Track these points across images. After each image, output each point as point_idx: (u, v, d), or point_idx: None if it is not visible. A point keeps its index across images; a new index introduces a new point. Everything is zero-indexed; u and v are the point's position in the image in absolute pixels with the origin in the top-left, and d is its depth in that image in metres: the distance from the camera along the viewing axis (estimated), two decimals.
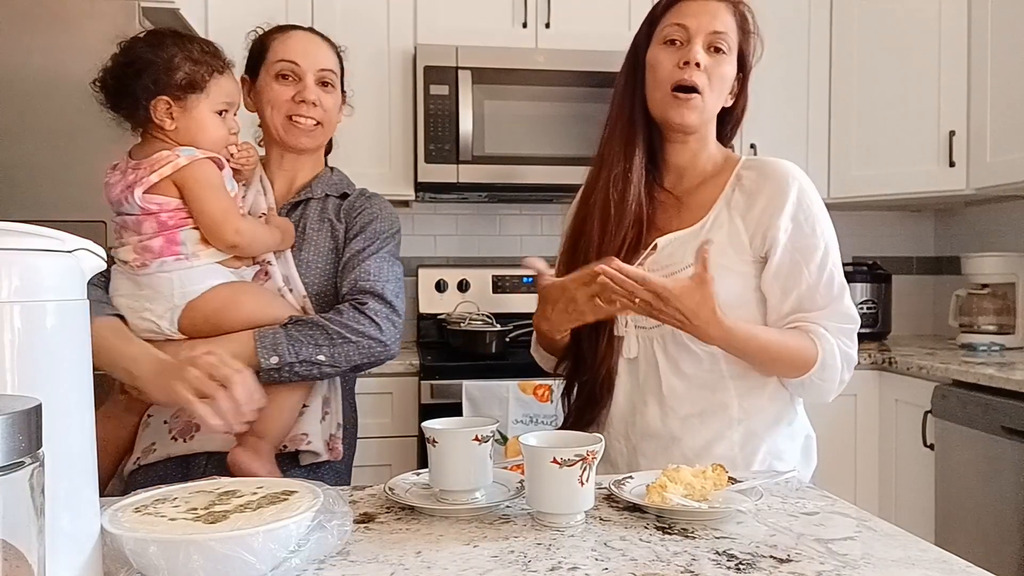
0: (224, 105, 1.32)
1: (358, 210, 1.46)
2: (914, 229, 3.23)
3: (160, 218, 1.26)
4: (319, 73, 1.43)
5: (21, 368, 0.59)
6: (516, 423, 2.20)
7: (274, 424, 1.28)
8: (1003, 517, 1.99)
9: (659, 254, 1.26)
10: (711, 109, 1.27)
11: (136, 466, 1.30)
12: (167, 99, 1.28)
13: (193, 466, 1.29)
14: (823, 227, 1.24)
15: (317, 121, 1.43)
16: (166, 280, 1.26)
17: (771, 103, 2.70)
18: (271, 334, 1.28)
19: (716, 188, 1.28)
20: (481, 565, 0.76)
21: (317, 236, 1.42)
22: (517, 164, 2.54)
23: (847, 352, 1.22)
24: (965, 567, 0.76)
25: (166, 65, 1.27)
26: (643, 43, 1.31)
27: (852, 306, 1.25)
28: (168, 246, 1.26)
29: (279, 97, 1.41)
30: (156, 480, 1.26)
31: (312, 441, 1.34)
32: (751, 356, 1.21)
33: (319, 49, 1.45)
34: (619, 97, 1.33)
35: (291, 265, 1.38)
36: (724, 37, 1.24)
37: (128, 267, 1.28)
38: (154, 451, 1.30)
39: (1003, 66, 2.40)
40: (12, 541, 0.49)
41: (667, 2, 1.30)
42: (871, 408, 2.52)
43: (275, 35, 1.46)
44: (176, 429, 1.30)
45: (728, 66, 1.26)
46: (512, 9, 2.63)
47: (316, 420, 1.36)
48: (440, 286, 2.82)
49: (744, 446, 1.24)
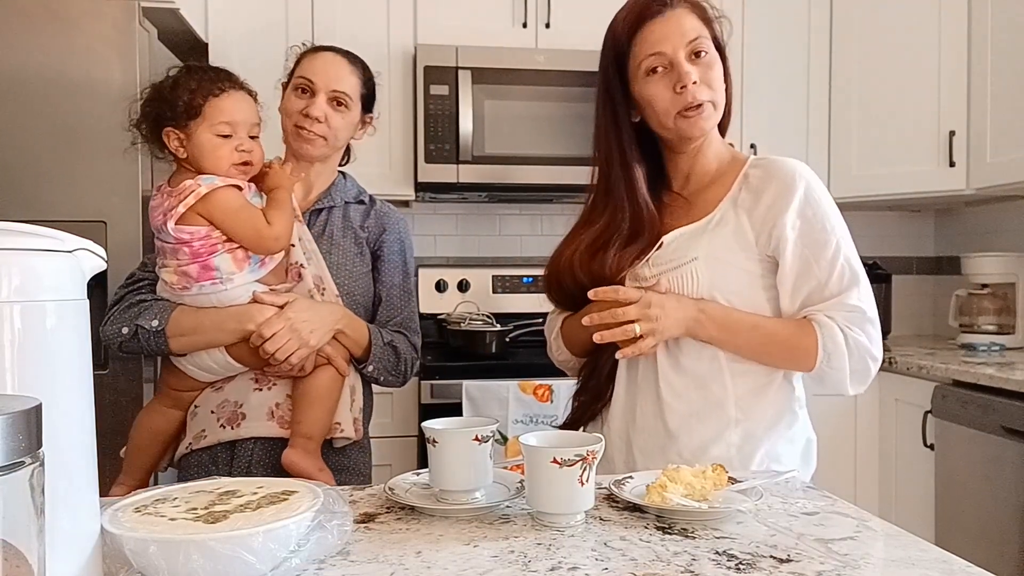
0: (224, 127, 1.36)
1: (382, 229, 1.58)
2: (914, 229, 3.23)
3: (193, 246, 1.33)
4: (332, 93, 1.51)
5: (21, 368, 0.59)
6: (516, 423, 2.20)
7: (321, 424, 1.41)
8: (1003, 517, 1.99)
9: (664, 250, 1.26)
10: (721, 108, 1.27)
11: (188, 450, 1.44)
12: (173, 130, 1.36)
13: (240, 450, 1.42)
14: (833, 222, 1.23)
15: (320, 135, 1.51)
16: (205, 301, 1.37)
17: (771, 103, 2.70)
18: (381, 349, 1.49)
19: (724, 187, 1.28)
20: (481, 565, 0.76)
21: (343, 241, 1.54)
22: (517, 164, 2.54)
23: (858, 340, 1.20)
24: (965, 567, 0.76)
25: (167, 97, 1.35)
26: (615, 78, 1.28)
27: (864, 298, 1.22)
28: (204, 272, 1.35)
29: (292, 108, 1.51)
30: (207, 462, 1.43)
31: (344, 428, 1.46)
32: (751, 346, 1.22)
33: (340, 71, 1.53)
34: (604, 138, 1.31)
35: (323, 266, 1.49)
36: (699, 41, 1.23)
37: (170, 288, 1.38)
38: (204, 437, 1.42)
39: (1003, 66, 2.40)
40: (12, 541, 0.49)
41: (628, 32, 1.26)
42: (871, 408, 2.52)
43: (308, 53, 1.56)
44: (224, 418, 1.42)
45: (715, 63, 1.26)
46: (512, 9, 2.63)
47: (346, 409, 1.48)
48: (440, 286, 2.82)
49: (742, 447, 1.24)
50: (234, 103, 1.37)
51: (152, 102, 1.38)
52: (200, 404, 1.45)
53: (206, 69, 1.40)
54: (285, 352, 1.35)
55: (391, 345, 1.51)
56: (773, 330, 1.23)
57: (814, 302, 1.22)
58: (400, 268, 1.59)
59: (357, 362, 1.49)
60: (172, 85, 1.36)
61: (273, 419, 1.42)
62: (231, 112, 1.36)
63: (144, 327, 1.36)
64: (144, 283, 1.45)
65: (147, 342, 1.37)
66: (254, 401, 1.42)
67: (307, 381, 1.42)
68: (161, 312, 1.37)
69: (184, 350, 1.39)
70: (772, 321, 1.24)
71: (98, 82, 1.85)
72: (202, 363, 1.40)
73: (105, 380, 1.78)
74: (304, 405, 1.40)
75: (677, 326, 1.20)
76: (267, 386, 1.43)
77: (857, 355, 1.21)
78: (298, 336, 1.35)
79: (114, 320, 1.40)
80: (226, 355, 1.39)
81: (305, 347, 1.36)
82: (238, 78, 1.42)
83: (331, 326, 1.41)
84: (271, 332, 1.33)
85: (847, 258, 1.23)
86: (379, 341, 1.49)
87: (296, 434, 1.39)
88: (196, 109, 1.34)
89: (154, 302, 1.40)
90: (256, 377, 1.43)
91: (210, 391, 1.45)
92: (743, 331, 1.22)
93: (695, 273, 1.22)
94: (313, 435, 1.39)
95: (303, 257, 1.46)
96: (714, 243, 1.23)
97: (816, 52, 2.81)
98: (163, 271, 1.38)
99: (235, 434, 1.41)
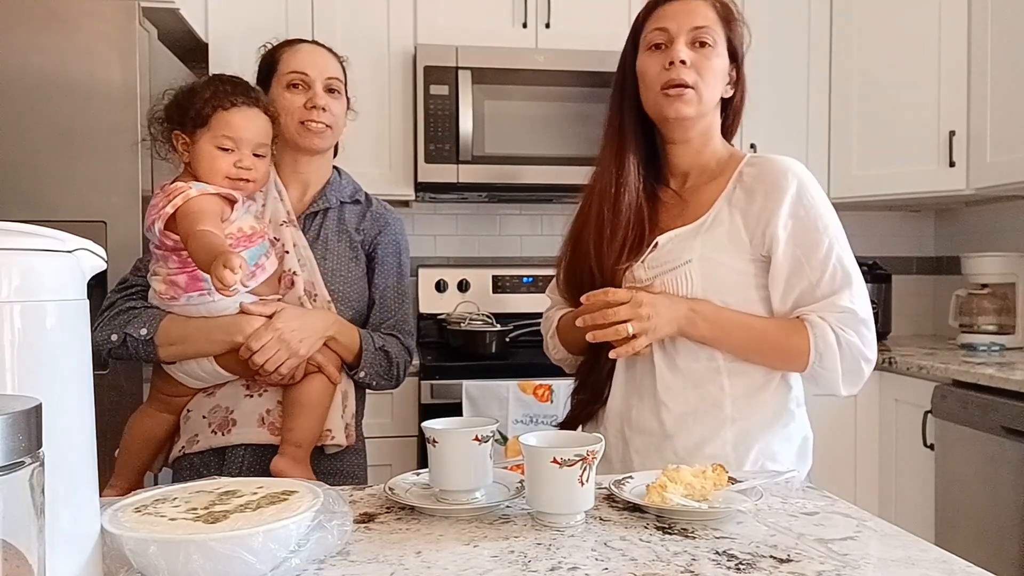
0: (225, 141, 1.36)
1: (377, 231, 1.58)
2: (914, 229, 3.23)
3: (181, 255, 1.32)
4: (326, 81, 1.52)
5: (21, 368, 0.59)
6: (516, 423, 2.20)
7: (311, 432, 1.41)
8: (1003, 517, 1.99)
9: (659, 251, 1.26)
10: (707, 101, 1.27)
11: (181, 453, 1.44)
12: (180, 133, 1.38)
13: (230, 457, 1.42)
14: (826, 222, 1.23)
15: (327, 125, 1.52)
16: (194, 311, 1.36)
17: (771, 103, 2.70)
18: (372, 354, 1.48)
19: (719, 186, 1.28)
20: (481, 565, 0.76)
21: (338, 246, 1.53)
22: (517, 164, 2.54)
23: (850, 341, 1.20)
24: (965, 567, 0.76)
25: (182, 102, 1.38)
26: (630, 53, 1.33)
27: (857, 299, 1.22)
28: (192, 282, 1.34)
29: (292, 104, 1.50)
30: (198, 466, 1.43)
31: (336, 436, 1.46)
32: (743, 345, 1.22)
33: (325, 59, 1.55)
34: (610, 108, 1.36)
35: (316, 273, 1.48)
36: (706, 31, 1.25)
37: (159, 297, 1.37)
38: (197, 442, 1.42)
39: (1003, 66, 2.40)
40: (12, 541, 0.49)
41: (647, 10, 1.32)
42: (871, 408, 2.52)
43: (284, 49, 1.55)
44: (215, 423, 1.42)
45: (716, 58, 1.26)
46: (512, 9, 2.63)
47: (338, 415, 1.47)
48: (440, 286, 2.82)
49: (737, 446, 1.24)
50: (242, 119, 1.37)
51: (171, 104, 1.39)
52: (193, 408, 1.45)
53: (227, 81, 1.41)
54: (274, 363, 1.34)
55: (383, 350, 1.50)
56: (765, 330, 1.23)
57: (806, 303, 1.22)
58: (395, 270, 1.58)
59: (349, 368, 1.49)
60: (190, 91, 1.38)
61: (264, 425, 1.41)
62: (237, 128, 1.37)
63: (133, 335, 1.35)
64: (135, 289, 1.44)
65: (136, 350, 1.36)
66: (245, 408, 1.42)
67: (297, 388, 1.41)
68: (150, 321, 1.36)
69: (173, 359, 1.38)
70: (765, 321, 1.24)
71: (98, 82, 1.85)
72: (192, 371, 1.40)
73: (105, 380, 1.78)
74: (294, 413, 1.39)
75: (669, 325, 1.21)
76: (258, 392, 1.43)
77: (849, 356, 1.21)
78: (287, 346, 1.34)
79: (104, 327, 1.39)
80: (215, 364, 1.38)
81: (295, 357, 1.36)
82: (259, 95, 1.43)
83: (321, 334, 1.40)
84: (259, 344, 1.32)
85: (840, 258, 1.22)
86: (370, 346, 1.48)
87: (286, 441, 1.38)
88: (204, 118, 1.35)
89: (144, 310, 1.39)
90: (247, 384, 1.43)
91: (202, 396, 1.44)
92: (735, 330, 1.22)
93: (689, 275, 1.22)
94: (303, 443, 1.39)
95: (297, 264, 1.46)
96: (708, 244, 1.23)
97: (816, 52, 2.81)
98: (153, 279, 1.38)
99: (226, 440, 1.41)
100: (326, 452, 1.47)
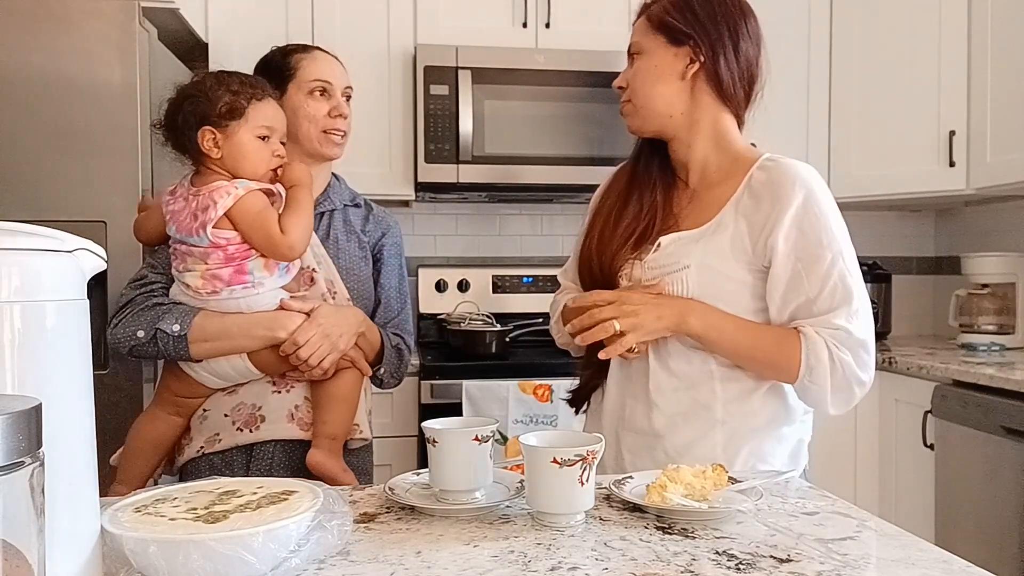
0: (264, 130, 1.38)
1: (382, 233, 1.62)
2: (914, 229, 3.23)
3: (228, 251, 1.34)
4: (345, 90, 1.57)
5: (21, 368, 0.59)
6: (516, 423, 2.20)
7: (345, 425, 1.45)
8: (1003, 517, 1.99)
9: (660, 253, 1.26)
10: (646, 105, 1.28)
11: (200, 454, 1.43)
12: (211, 128, 1.36)
13: (259, 453, 1.43)
14: (832, 236, 1.18)
15: (345, 132, 1.56)
16: (234, 305, 1.37)
17: (771, 103, 2.69)
18: (389, 351, 1.54)
19: (731, 188, 1.25)
20: (481, 565, 0.76)
21: (348, 245, 1.56)
22: (517, 164, 2.54)
23: (843, 360, 1.16)
24: (965, 567, 0.76)
25: (207, 97, 1.36)
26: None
27: (855, 319, 1.17)
28: (237, 276, 1.36)
29: (317, 112, 1.52)
30: (220, 465, 1.42)
31: (363, 429, 1.51)
32: (735, 348, 1.21)
33: (341, 68, 1.59)
34: None
35: (333, 270, 1.50)
36: (634, 46, 1.31)
37: (194, 292, 1.36)
38: (219, 440, 1.42)
39: (1003, 66, 2.40)
40: (12, 541, 0.49)
41: None
42: (871, 408, 2.52)
43: (300, 55, 1.56)
44: (240, 421, 1.43)
45: (645, 61, 1.29)
46: (512, 9, 2.63)
47: (363, 411, 1.52)
48: (440, 286, 2.82)
49: (726, 447, 1.24)
50: (275, 109, 1.41)
51: (192, 99, 1.37)
52: (211, 408, 1.44)
53: (239, 73, 1.43)
54: (318, 358, 1.36)
55: (396, 348, 1.54)
56: (758, 335, 1.21)
57: (801, 317, 1.19)
58: (397, 271, 1.61)
59: (370, 365, 1.51)
60: (214, 85, 1.37)
61: (293, 421, 1.42)
62: (272, 117, 1.40)
63: (165, 331, 1.33)
64: (156, 286, 1.42)
65: (166, 346, 1.34)
66: (274, 404, 1.42)
67: (331, 383, 1.43)
68: (182, 317, 1.34)
69: (205, 356, 1.36)
70: (759, 326, 1.22)
71: (98, 82, 1.85)
72: (219, 370, 1.39)
73: (105, 380, 1.77)
74: (329, 406, 1.42)
75: (658, 322, 1.19)
76: (285, 388, 1.44)
77: (841, 375, 1.17)
78: (330, 341, 1.37)
79: (128, 323, 1.36)
80: (246, 361, 1.38)
81: (335, 352, 1.38)
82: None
83: (356, 329, 1.43)
84: (305, 339, 1.34)
85: (842, 275, 1.17)
86: (388, 344, 1.52)
87: (321, 435, 1.40)
88: (239, 110, 1.36)
89: (173, 306, 1.37)
90: (274, 380, 1.43)
91: (221, 395, 1.44)
92: (728, 331, 1.20)
93: (685, 281, 1.21)
94: (338, 435, 1.42)
95: (314, 261, 1.47)
96: (709, 251, 1.22)
97: (816, 52, 2.81)
98: (187, 275, 1.36)
99: (254, 437, 1.41)
100: (349, 447, 1.49)
